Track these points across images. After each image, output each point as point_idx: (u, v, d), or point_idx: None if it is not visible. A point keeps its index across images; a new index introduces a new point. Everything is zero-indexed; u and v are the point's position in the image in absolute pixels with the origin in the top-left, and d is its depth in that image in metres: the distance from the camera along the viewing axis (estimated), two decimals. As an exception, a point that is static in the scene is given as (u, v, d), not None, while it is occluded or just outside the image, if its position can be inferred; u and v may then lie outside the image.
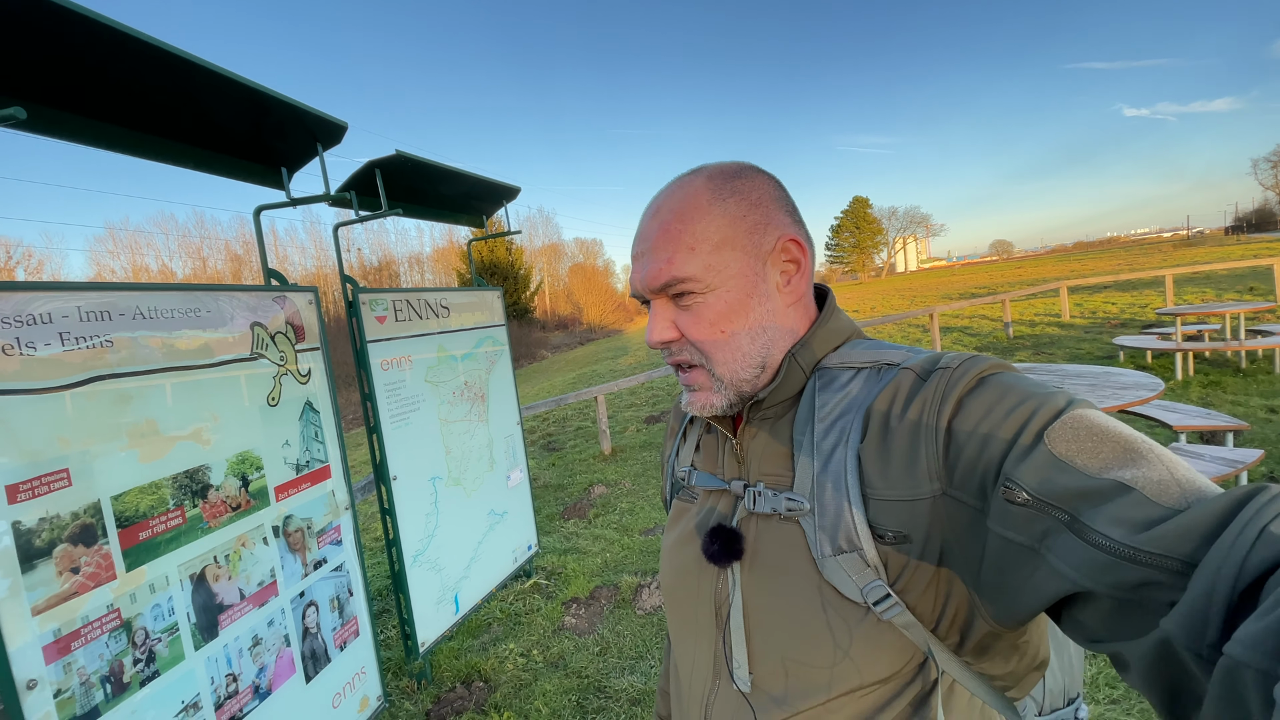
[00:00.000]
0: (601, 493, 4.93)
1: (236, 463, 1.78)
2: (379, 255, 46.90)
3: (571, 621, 3.03)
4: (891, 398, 0.56)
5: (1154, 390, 3.37)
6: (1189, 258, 22.85)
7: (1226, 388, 5.32)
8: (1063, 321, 10.58)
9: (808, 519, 0.57)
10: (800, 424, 0.61)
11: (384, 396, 2.53)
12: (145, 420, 1.54)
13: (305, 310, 2.09)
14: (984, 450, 0.48)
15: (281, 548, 1.91)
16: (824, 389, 0.61)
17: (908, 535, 0.52)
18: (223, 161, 1.93)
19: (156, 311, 1.58)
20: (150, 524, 1.54)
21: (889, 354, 0.61)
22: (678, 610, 0.72)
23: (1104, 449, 0.43)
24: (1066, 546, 0.41)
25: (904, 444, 0.53)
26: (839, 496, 0.55)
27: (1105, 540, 0.39)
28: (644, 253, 0.63)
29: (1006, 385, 0.51)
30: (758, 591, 0.60)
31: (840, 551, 0.55)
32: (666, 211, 0.62)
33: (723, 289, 0.61)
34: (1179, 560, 0.36)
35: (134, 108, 1.60)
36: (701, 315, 0.62)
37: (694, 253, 0.60)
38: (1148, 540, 0.37)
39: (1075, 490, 0.42)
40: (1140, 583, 0.37)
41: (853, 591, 0.54)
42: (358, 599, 2.22)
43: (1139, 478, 0.40)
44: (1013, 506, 0.44)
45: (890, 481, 0.53)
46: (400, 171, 2.52)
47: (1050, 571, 0.42)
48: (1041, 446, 0.45)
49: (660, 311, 0.64)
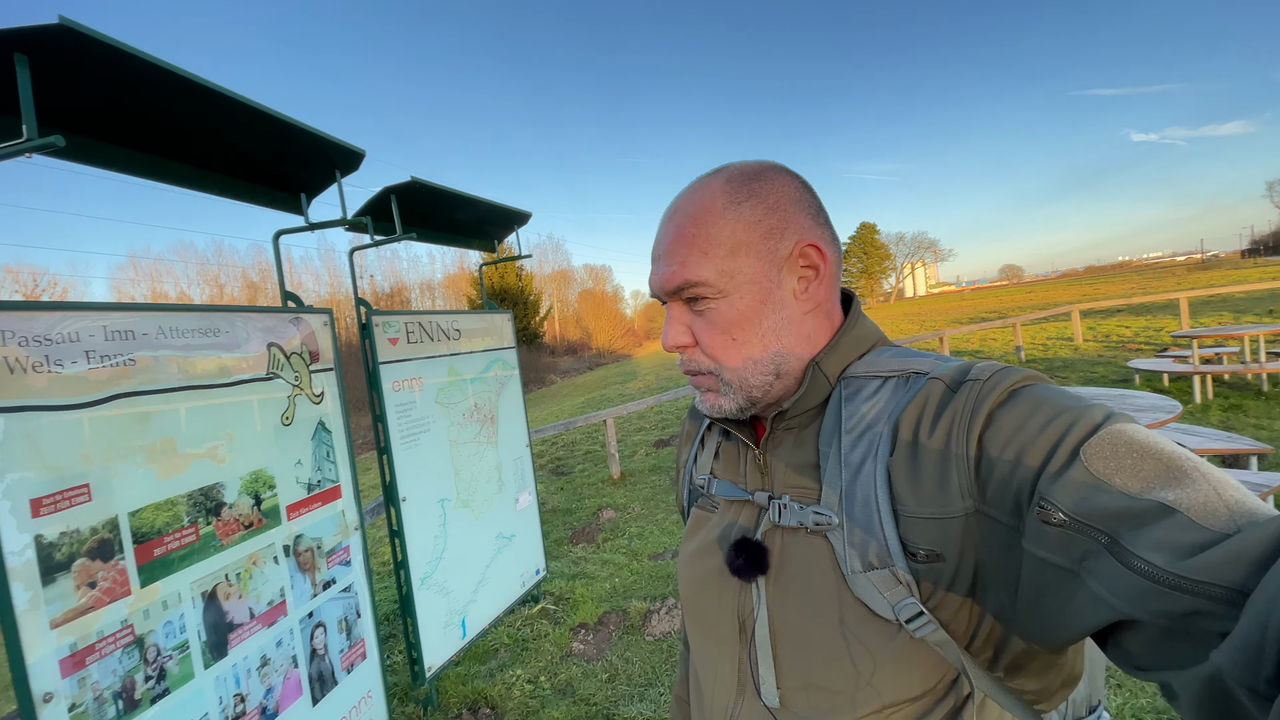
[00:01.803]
0: (610, 517, 4.90)
1: (250, 481, 1.80)
2: (392, 282, 47.60)
3: (579, 647, 3.00)
4: (920, 409, 0.54)
5: (1171, 413, 3.33)
6: (1204, 281, 22.65)
7: (1248, 411, 5.23)
8: (1076, 345, 10.49)
9: (836, 534, 0.56)
10: (826, 435, 0.59)
11: (395, 417, 2.56)
12: (164, 438, 1.58)
13: (320, 332, 2.14)
14: (1017, 467, 0.46)
15: (291, 567, 1.92)
16: (850, 399, 0.59)
17: (940, 554, 0.50)
18: (245, 188, 2.00)
19: (177, 332, 1.63)
20: (165, 540, 1.56)
21: (916, 362, 0.59)
22: (698, 621, 0.69)
23: (1145, 467, 0.41)
24: (1107, 571, 0.39)
25: (934, 460, 0.51)
26: (869, 512, 0.53)
27: (1147, 566, 0.37)
28: (660, 255, 0.63)
29: (1040, 398, 0.49)
30: (784, 607, 0.59)
31: (871, 568, 0.53)
32: (682, 215, 0.61)
33: (735, 295, 0.59)
34: (1228, 589, 0.34)
35: (164, 136, 1.67)
36: (714, 321, 0.61)
37: (707, 257, 0.59)
38: (1193, 567, 0.35)
39: (1115, 511, 0.40)
40: (1187, 612, 0.35)
41: (884, 609, 0.52)
42: (365, 621, 2.22)
43: (1183, 499, 0.38)
44: (1049, 527, 0.42)
45: (922, 499, 0.51)
46: (415, 197, 2.59)
47: (1091, 597, 0.41)
48: (1078, 464, 0.42)
49: (676, 315, 0.63)
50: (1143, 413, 3.42)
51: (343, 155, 2.06)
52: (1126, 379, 7.11)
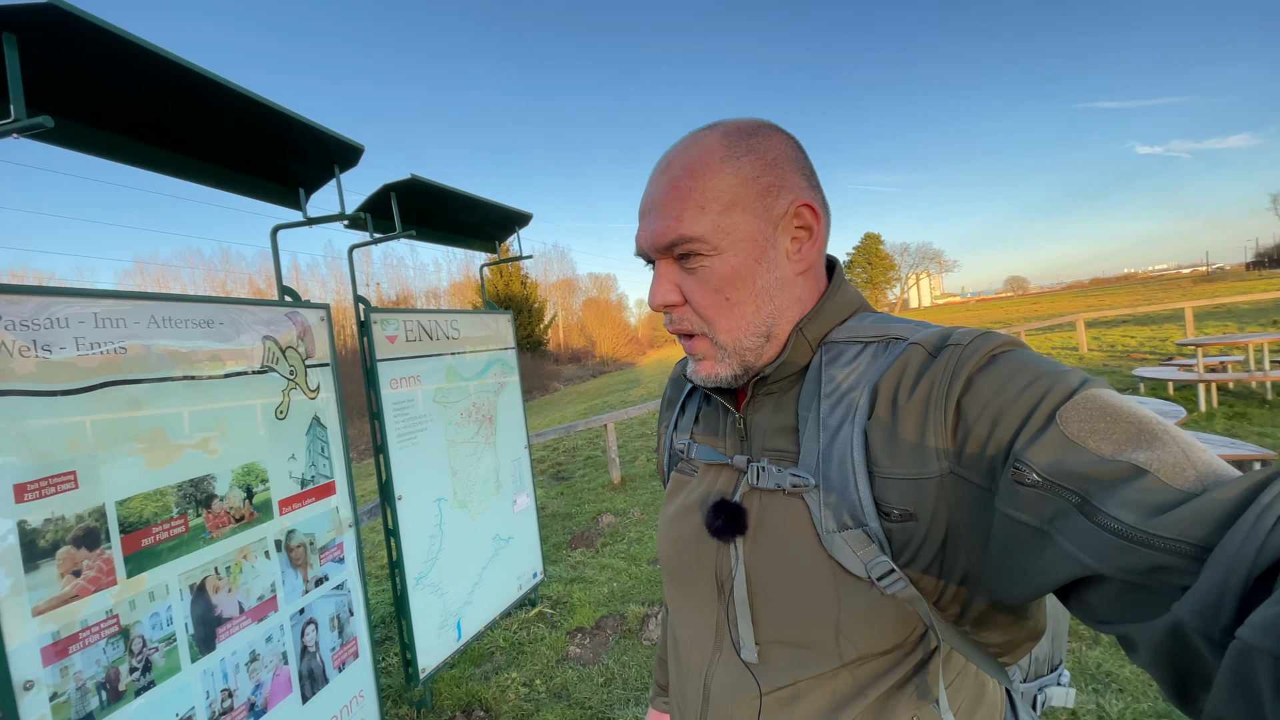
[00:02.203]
0: (610, 522, 4.87)
1: (242, 474, 1.79)
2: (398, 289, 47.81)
3: (576, 651, 2.96)
4: (900, 374, 0.54)
5: (1176, 418, 3.30)
6: (1211, 292, 22.57)
7: (1252, 419, 5.18)
8: (1080, 354, 10.44)
9: (812, 495, 0.56)
10: (806, 399, 0.60)
11: (392, 416, 2.55)
12: (154, 427, 1.57)
13: (316, 327, 2.13)
14: (994, 430, 0.47)
15: (283, 562, 1.90)
16: (831, 363, 0.60)
17: (914, 514, 0.51)
18: (243, 180, 2.00)
19: (170, 322, 1.62)
20: (153, 531, 1.54)
21: (897, 327, 0.59)
22: (677, 582, 0.71)
23: (1118, 430, 0.42)
24: (1077, 529, 0.40)
25: (912, 422, 0.51)
26: (845, 473, 0.54)
27: (1117, 524, 0.38)
28: (651, 209, 0.61)
29: (1019, 363, 0.49)
30: (761, 566, 0.60)
31: (845, 528, 0.54)
32: (678, 167, 0.59)
33: (730, 252, 0.58)
34: (1193, 545, 0.35)
35: (159, 125, 1.67)
36: (706, 279, 0.59)
37: (703, 212, 0.58)
38: (1161, 524, 0.36)
39: (1087, 472, 0.41)
40: (1152, 567, 0.37)
41: (857, 567, 0.53)
42: (358, 619, 2.19)
43: (1153, 460, 0.39)
44: (1022, 488, 0.43)
45: (897, 460, 0.52)
46: (415, 195, 2.59)
47: (1059, 553, 0.42)
48: (1053, 427, 0.43)
49: (664, 273, 0.62)
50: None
51: (342, 150, 2.06)
52: (1131, 387, 7.06)
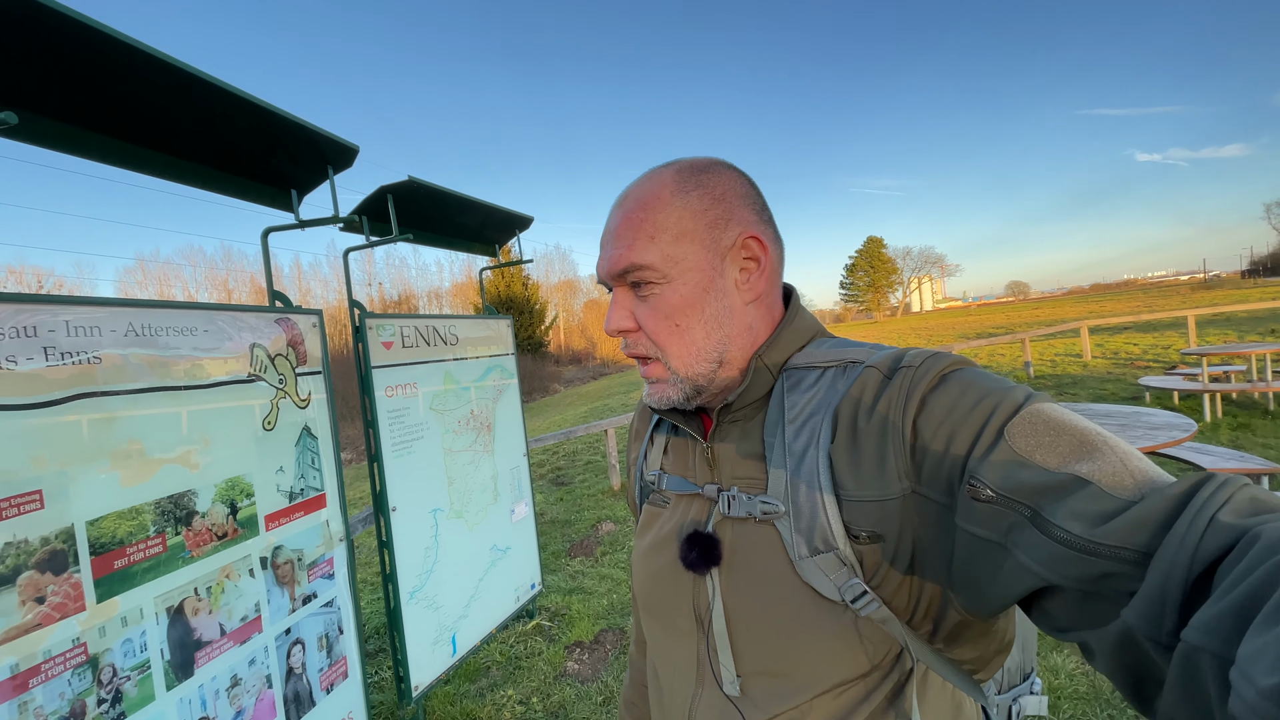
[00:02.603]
0: (610, 530, 4.78)
1: (225, 489, 1.70)
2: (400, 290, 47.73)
3: (574, 667, 2.87)
4: (858, 397, 0.56)
5: (1187, 431, 3.22)
6: (1209, 300, 22.53)
7: (1256, 430, 5.11)
8: (1084, 362, 10.37)
9: (783, 521, 0.57)
10: (770, 426, 0.61)
11: (387, 424, 2.46)
12: (130, 441, 1.48)
13: (308, 333, 2.04)
14: (948, 448, 0.49)
15: (269, 580, 1.81)
16: (792, 389, 0.61)
17: (881, 535, 0.53)
18: (231, 181, 1.92)
19: (150, 329, 1.53)
20: (127, 552, 1.45)
21: (853, 351, 0.61)
22: (655, 617, 0.70)
23: (1061, 443, 0.44)
24: (1030, 541, 0.42)
25: (873, 444, 0.53)
26: (813, 498, 0.55)
27: (1065, 535, 0.39)
28: (608, 240, 0.64)
29: (967, 382, 0.52)
30: (738, 596, 0.60)
31: (816, 552, 0.55)
32: (632, 201, 0.62)
33: (679, 281, 0.61)
34: (1135, 551, 0.36)
35: (137, 122, 1.59)
36: (657, 306, 0.62)
37: (653, 242, 0.60)
38: (1105, 533, 0.38)
39: (1036, 485, 0.42)
40: (1101, 574, 0.38)
41: (830, 591, 0.54)
42: (348, 637, 2.10)
43: (1094, 470, 0.41)
44: (978, 503, 0.45)
45: (862, 482, 0.53)
46: (412, 197, 2.51)
47: (1017, 566, 0.43)
48: (1002, 442, 0.45)
49: (620, 300, 0.64)
50: (1158, 431, 3.31)
51: (335, 150, 1.97)
52: (1137, 396, 6.98)
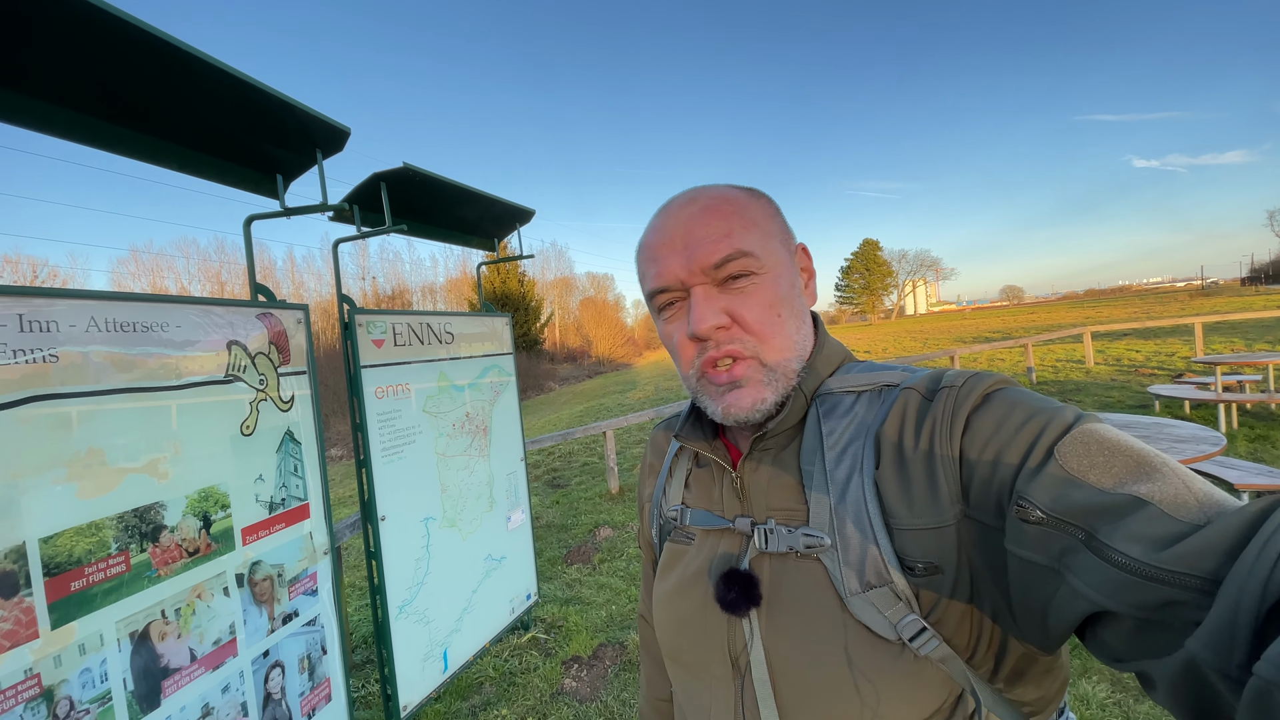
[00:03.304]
0: (608, 535, 4.64)
1: (198, 500, 1.56)
2: (394, 284, 47.45)
3: (571, 684, 2.73)
4: (901, 420, 0.54)
5: (1216, 445, 3.10)
6: (1208, 307, 22.51)
7: (1275, 442, 5.00)
8: (1087, 368, 10.27)
9: (829, 555, 0.54)
10: (808, 453, 0.58)
11: (376, 427, 2.32)
12: (89, 449, 1.33)
13: (293, 330, 1.90)
14: (996, 468, 0.47)
15: (245, 599, 1.66)
16: (828, 415, 0.59)
17: (939, 566, 0.49)
18: (210, 164, 1.77)
19: (114, 325, 1.39)
20: (86, 572, 1.31)
21: (887, 375, 0.59)
22: (684, 663, 0.65)
23: (1116, 463, 0.42)
24: (1086, 565, 0.40)
25: (922, 469, 0.51)
26: (862, 528, 0.52)
27: (1124, 559, 0.37)
28: (687, 237, 0.59)
29: (1014, 400, 0.50)
30: (781, 639, 0.55)
31: (869, 587, 0.51)
32: (709, 199, 0.60)
33: (775, 273, 0.59)
34: (1201, 578, 0.34)
35: (105, 96, 1.44)
36: (759, 296, 0.58)
37: (749, 232, 0.58)
38: (1168, 558, 0.36)
39: (1090, 506, 0.40)
40: (1163, 602, 0.36)
41: (885, 629, 0.50)
42: (332, 658, 1.96)
43: (1154, 492, 0.39)
44: (1027, 525, 0.43)
45: (916, 510, 0.50)
46: (407, 186, 2.36)
47: (1070, 592, 0.41)
48: (1053, 462, 0.43)
49: (706, 298, 0.58)
50: (1184, 444, 3.18)
51: (324, 132, 1.83)
52: (1145, 404, 6.87)
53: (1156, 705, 2.16)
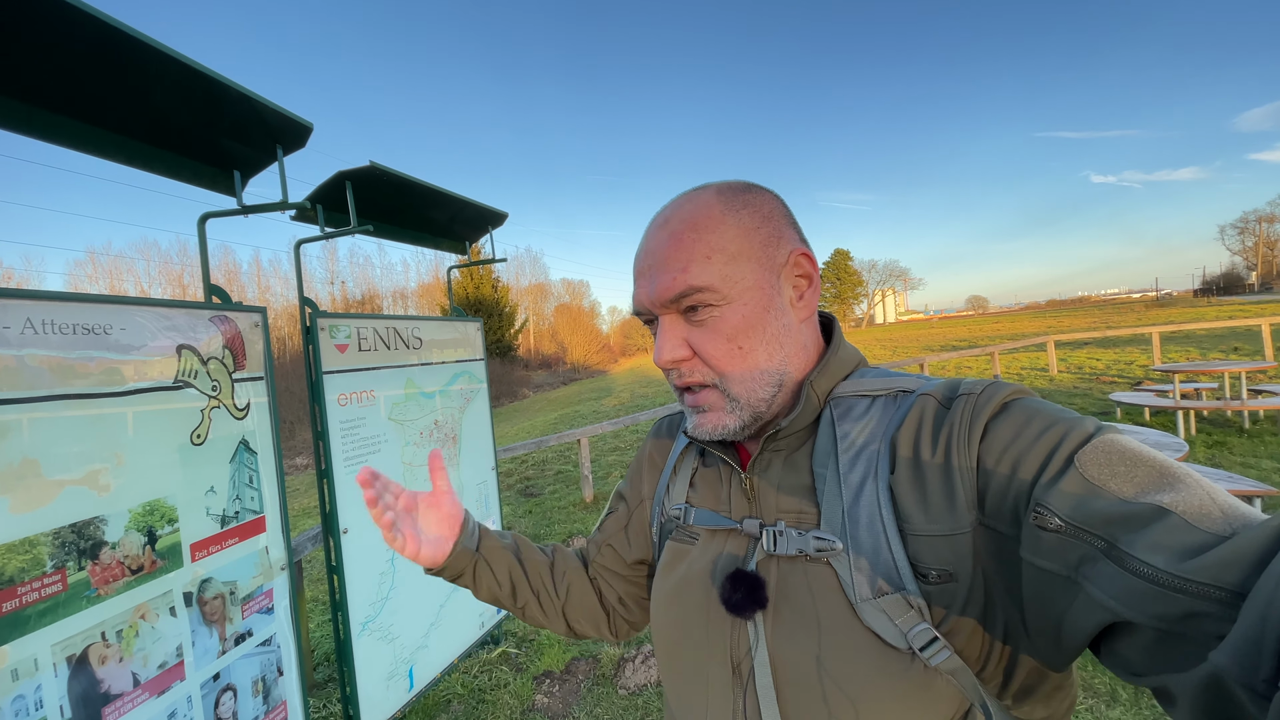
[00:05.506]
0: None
1: (142, 514, 1.46)
2: (364, 289, 46.61)
3: (543, 700, 2.66)
4: (917, 426, 0.53)
5: (1179, 451, 3.18)
6: (1163, 317, 23.38)
7: (1233, 449, 5.17)
8: (1051, 376, 10.55)
9: (840, 559, 0.53)
10: (821, 455, 0.57)
11: (339, 436, 2.23)
12: (22, 460, 1.24)
13: (249, 334, 1.81)
14: (1014, 476, 0.46)
15: (194, 619, 1.57)
16: (842, 418, 0.58)
17: (953, 573, 0.49)
18: (163, 159, 1.68)
19: (53, 326, 1.30)
20: (18, 592, 1.22)
21: (902, 381, 0.59)
22: (681, 668, 0.63)
23: (1138, 473, 0.41)
24: (1105, 575, 0.39)
25: (939, 476, 0.50)
26: (875, 533, 0.51)
27: (1147, 568, 0.36)
28: (653, 266, 0.59)
29: (1033, 409, 0.49)
30: (786, 643, 0.54)
31: (881, 593, 0.50)
32: (678, 222, 0.59)
33: (739, 302, 0.57)
34: (1227, 590, 0.33)
35: (46, 83, 1.35)
36: (717, 330, 0.58)
37: (710, 262, 0.56)
38: (1193, 569, 0.35)
39: (1111, 515, 0.40)
40: (1186, 614, 0.35)
41: (895, 637, 0.49)
42: (289, 679, 1.86)
43: (1178, 502, 0.38)
44: (1045, 533, 0.42)
45: (931, 516, 0.49)
46: (374, 185, 2.29)
47: (1088, 601, 0.40)
48: (1073, 470, 0.43)
49: (670, 329, 0.59)
50: (1146, 450, 3.27)
51: (285, 127, 1.75)
52: (1107, 411, 7.07)
53: (1128, 712, 2.19)
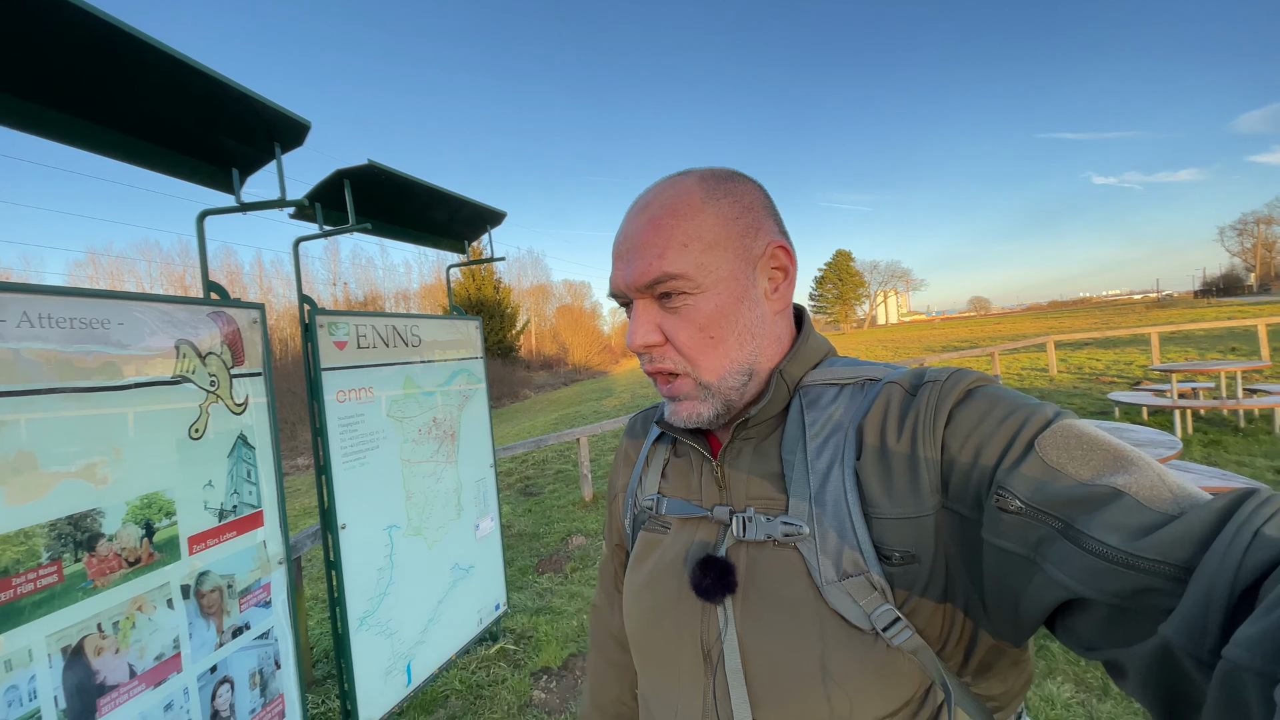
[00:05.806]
0: (580, 544, 4.58)
1: (140, 507, 1.48)
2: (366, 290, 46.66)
3: (541, 696, 2.67)
4: (884, 413, 0.54)
5: (1172, 449, 3.19)
6: (1163, 318, 23.37)
7: (1229, 448, 5.17)
8: (1050, 376, 10.55)
9: (807, 543, 0.54)
10: (790, 443, 0.59)
11: (338, 432, 2.24)
12: (19, 452, 1.25)
13: (248, 330, 1.82)
14: (977, 460, 0.48)
15: (191, 612, 1.58)
16: (810, 406, 0.59)
17: (915, 555, 0.50)
18: (161, 156, 1.69)
19: (51, 320, 1.31)
20: (13, 583, 1.23)
21: (869, 369, 0.60)
22: (654, 657, 0.63)
23: (1094, 456, 0.43)
24: (1062, 554, 0.41)
25: (904, 461, 0.51)
26: (840, 518, 0.53)
27: (1102, 547, 0.39)
28: (630, 249, 0.59)
29: (995, 397, 0.51)
30: (755, 627, 0.55)
31: (845, 576, 0.52)
32: (657, 207, 0.59)
33: (713, 291, 0.58)
34: (1176, 566, 0.36)
35: (45, 79, 1.37)
36: (690, 318, 0.58)
37: (686, 250, 0.57)
38: (1144, 546, 0.37)
39: (1068, 497, 0.42)
40: (1138, 589, 0.37)
41: (860, 618, 0.51)
42: (286, 673, 1.88)
43: (1131, 483, 0.40)
44: (1006, 515, 0.44)
45: (896, 500, 0.51)
46: (373, 184, 2.31)
47: (1046, 580, 0.42)
48: (1033, 454, 0.44)
49: (644, 313, 0.60)
50: (1143, 448, 3.26)
51: (283, 125, 1.77)
52: (1105, 411, 7.07)
53: (1119, 705, 2.19)
